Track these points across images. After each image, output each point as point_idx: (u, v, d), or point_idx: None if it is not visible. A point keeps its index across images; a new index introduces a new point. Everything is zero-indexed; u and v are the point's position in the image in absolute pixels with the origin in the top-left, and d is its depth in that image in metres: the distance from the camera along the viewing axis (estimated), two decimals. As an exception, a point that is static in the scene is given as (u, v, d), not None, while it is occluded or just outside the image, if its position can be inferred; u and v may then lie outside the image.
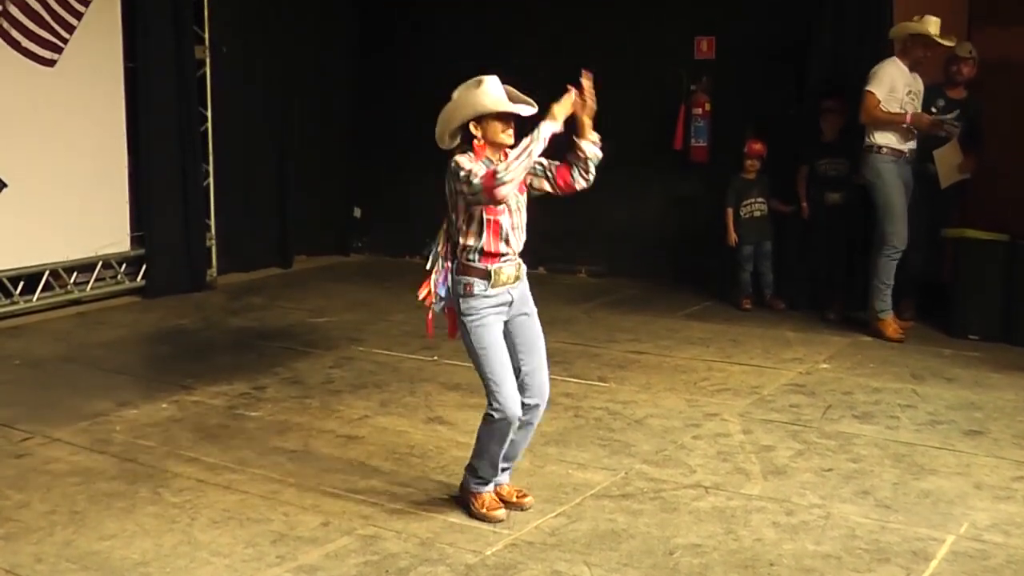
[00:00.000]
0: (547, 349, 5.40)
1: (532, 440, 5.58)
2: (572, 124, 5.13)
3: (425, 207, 12.98)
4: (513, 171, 4.87)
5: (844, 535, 5.17)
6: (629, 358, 8.31)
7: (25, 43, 9.71)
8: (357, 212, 13.70)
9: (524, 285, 5.32)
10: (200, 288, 11.27)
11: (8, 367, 8.30)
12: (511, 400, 5.14)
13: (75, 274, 10.45)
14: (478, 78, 5.10)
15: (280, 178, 12.55)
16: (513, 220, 5.17)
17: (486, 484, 5.39)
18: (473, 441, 5.34)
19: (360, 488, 5.76)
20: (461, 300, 5.21)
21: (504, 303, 5.21)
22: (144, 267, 10.96)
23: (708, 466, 6.09)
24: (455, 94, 5.16)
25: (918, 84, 8.93)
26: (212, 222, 11.61)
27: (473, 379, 7.71)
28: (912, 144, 8.89)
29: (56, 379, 8.03)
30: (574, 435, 6.60)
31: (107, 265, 10.72)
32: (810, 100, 10.05)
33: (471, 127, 5.09)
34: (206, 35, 11.35)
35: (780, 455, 6.27)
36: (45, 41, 9.87)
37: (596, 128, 5.18)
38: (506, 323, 5.26)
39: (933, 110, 9.03)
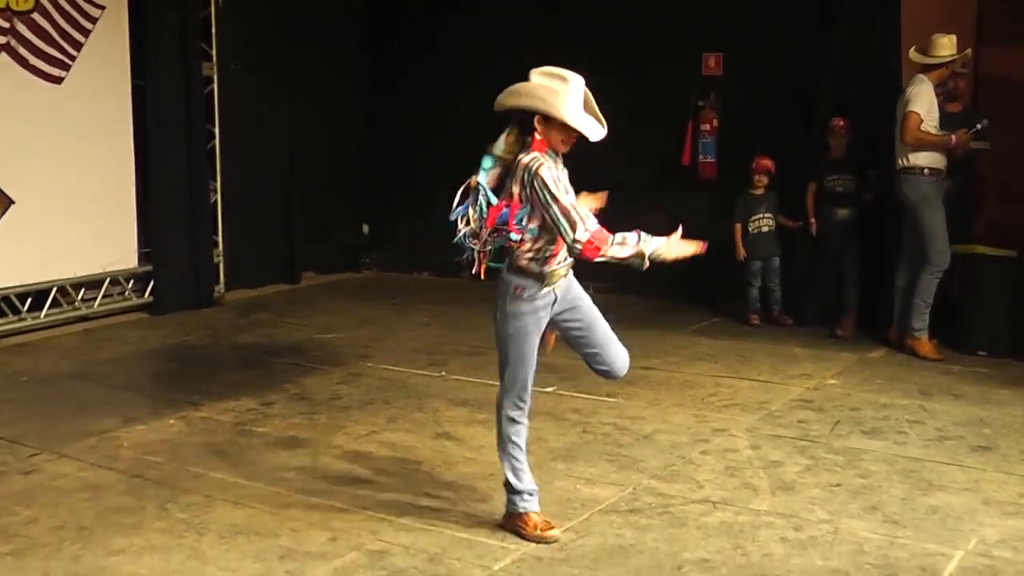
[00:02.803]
0: (556, 365, 5.40)
1: (540, 455, 5.55)
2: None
3: (433, 224, 13.06)
4: (624, 252, 4.86)
5: (852, 551, 5.15)
6: (637, 374, 8.29)
7: (32, 60, 9.74)
8: (365, 229, 13.71)
9: (570, 279, 5.26)
10: (208, 304, 11.28)
11: (16, 384, 8.30)
12: (528, 404, 5.28)
13: (83, 291, 10.46)
14: (564, 73, 4.95)
15: (288, 194, 12.56)
16: None
17: (533, 497, 5.33)
18: (482, 456, 5.33)
19: (368, 503, 5.75)
20: (509, 300, 5.12)
21: (548, 303, 5.13)
22: (151, 283, 10.95)
23: (716, 481, 6.08)
24: (534, 76, 4.99)
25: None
26: (220, 238, 11.62)
27: (481, 395, 7.75)
28: (945, 161, 8.89)
29: (63, 395, 8.02)
30: (582, 450, 6.59)
31: (114, 281, 10.72)
32: (818, 117, 10.06)
33: (535, 121, 4.94)
34: (214, 52, 11.37)
35: (788, 470, 6.26)
36: (52, 58, 9.90)
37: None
38: (555, 320, 5.22)
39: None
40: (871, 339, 9.45)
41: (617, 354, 5.34)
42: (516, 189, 4.97)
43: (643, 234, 4.89)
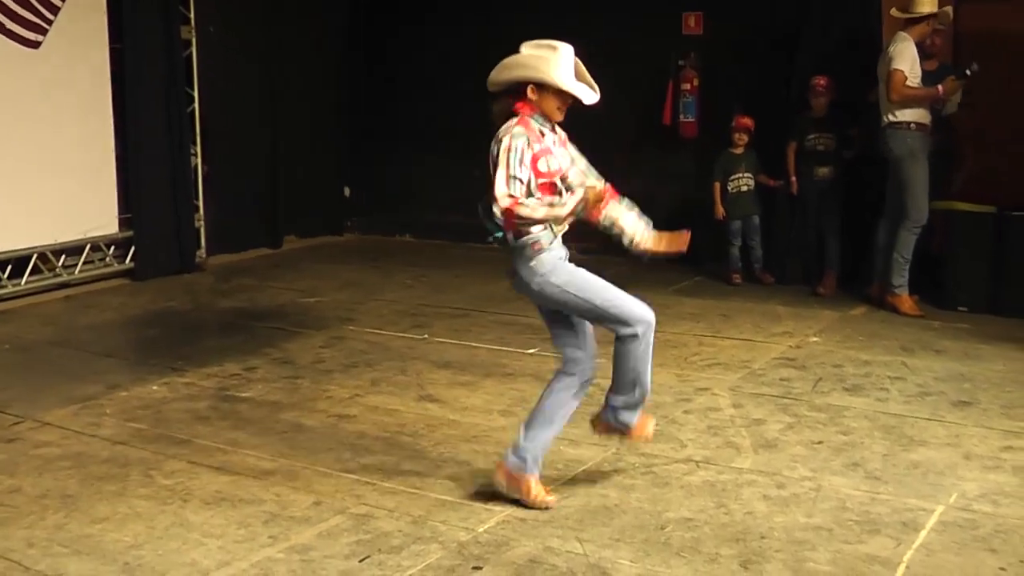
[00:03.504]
0: (538, 326, 5.39)
1: (523, 417, 5.53)
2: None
3: (415, 186, 13.07)
4: (536, 213, 4.88)
5: (834, 507, 5.19)
6: (619, 334, 8.30)
7: (9, 24, 9.65)
8: (347, 192, 13.68)
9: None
10: (189, 270, 11.25)
11: (-2, 351, 8.30)
12: (641, 307, 5.14)
13: (63, 257, 10.41)
14: (552, 43, 5.01)
15: (269, 158, 12.50)
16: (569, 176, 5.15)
17: (532, 466, 5.19)
18: (465, 419, 5.32)
19: (352, 467, 5.77)
20: (533, 263, 5.03)
21: (565, 256, 5.14)
22: (133, 249, 10.91)
23: (699, 440, 6.11)
24: (524, 49, 5.08)
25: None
26: (201, 203, 11.58)
27: (464, 357, 7.77)
28: (930, 116, 8.91)
29: (46, 363, 8.01)
30: (565, 411, 6.60)
31: (95, 248, 10.69)
32: (799, 76, 10.05)
33: (528, 90, 5.01)
34: (192, 15, 11.29)
35: (770, 428, 6.29)
36: (29, 22, 9.82)
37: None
38: None
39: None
40: (853, 297, 9.49)
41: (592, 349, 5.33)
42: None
43: (579, 201, 4.93)
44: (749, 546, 4.78)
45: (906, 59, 8.69)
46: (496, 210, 4.88)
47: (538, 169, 4.96)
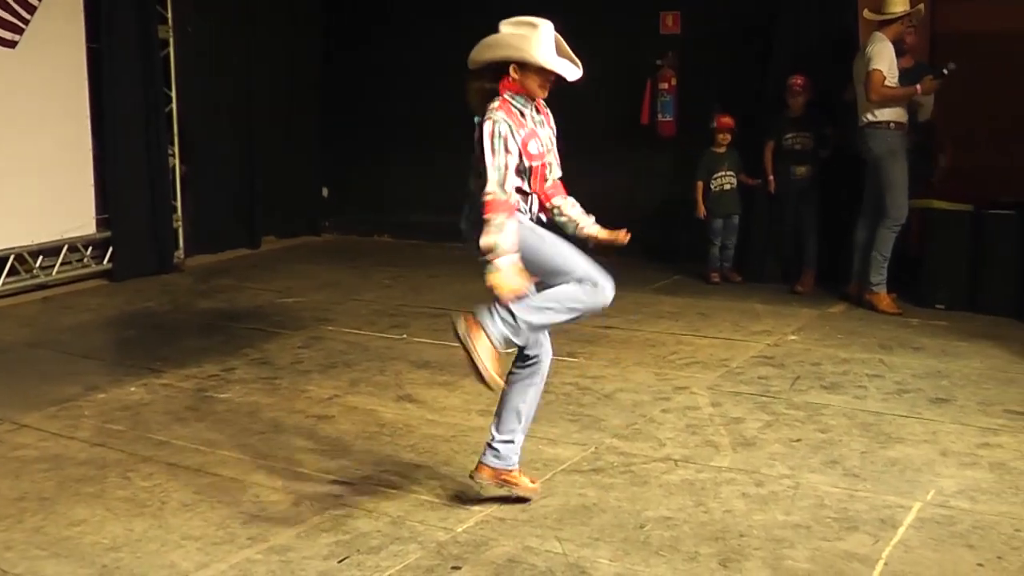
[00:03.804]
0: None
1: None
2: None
3: (393, 186, 13.06)
4: (500, 227, 4.73)
5: (813, 504, 5.20)
6: (598, 333, 8.31)
7: (-15, 24, 9.63)
8: (325, 192, 13.66)
9: None
10: (167, 270, 11.21)
11: (-25, 353, 8.26)
12: (605, 278, 5.10)
13: (40, 258, 10.36)
14: (532, 20, 4.93)
15: (247, 158, 12.47)
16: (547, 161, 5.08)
17: (511, 460, 5.17)
18: (443, 419, 5.31)
19: (331, 468, 5.76)
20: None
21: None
22: (110, 250, 10.87)
23: (678, 439, 6.12)
24: (504, 28, 4.99)
25: None
26: (179, 203, 11.54)
27: (443, 357, 7.76)
28: (907, 115, 8.96)
29: (23, 365, 7.97)
30: (544, 411, 6.54)
31: (73, 248, 10.64)
32: (776, 75, 10.08)
33: (511, 70, 4.93)
34: (169, 15, 11.25)
35: (749, 427, 6.30)
36: (5, 22, 9.76)
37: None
38: None
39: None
40: (831, 295, 9.52)
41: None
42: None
43: (510, 250, 4.78)
44: (728, 544, 4.79)
45: (884, 59, 8.73)
46: (485, 191, 4.80)
47: (529, 151, 4.92)
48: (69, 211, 10.49)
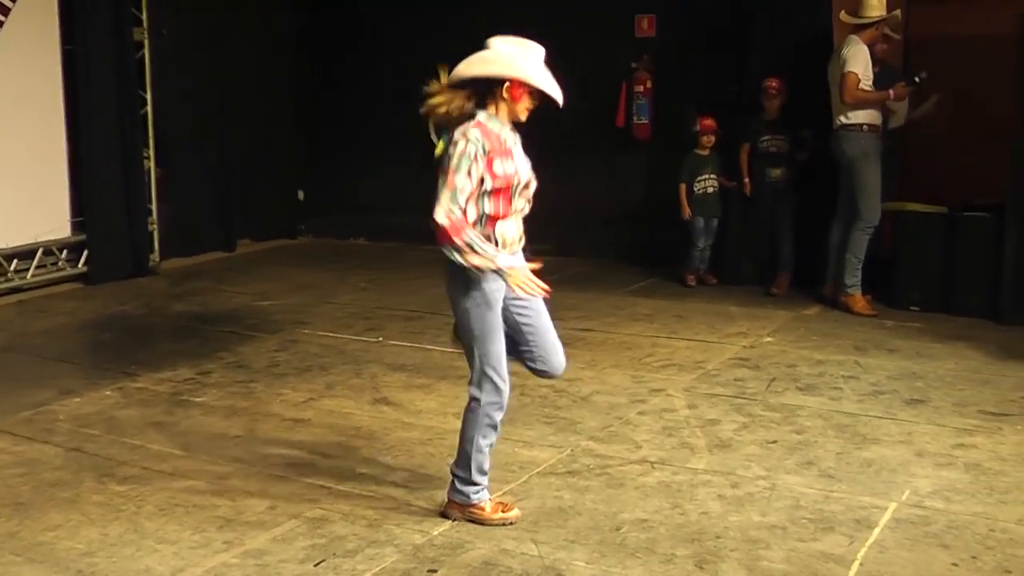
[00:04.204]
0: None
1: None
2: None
3: (368, 189, 13.04)
4: (462, 249, 4.70)
5: (789, 506, 5.22)
6: (574, 335, 8.31)
7: (-42, 26, 9.57)
8: (301, 195, 13.63)
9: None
10: (143, 273, 11.17)
11: (-52, 357, 8.22)
12: (506, 384, 4.98)
13: (15, 261, 10.30)
14: (525, 41, 4.83)
15: (223, 161, 12.43)
16: (522, 180, 4.93)
17: (486, 488, 5.06)
18: (420, 421, 5.30)
19: (306, 471, 5.75)
20: (463, 270, 4.82)
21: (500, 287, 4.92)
22: (85, 253, 10.83)
23: (654, 441, 6.12)
24: (497, 46, 4.84)
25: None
26: (154, 206, 11.50)
27: (418, 360, 7.76)
28: (881, 118, 9.01)
29: (-3, 369, 7.95)
30: (520, 413, 6.59)
31: (48, 252, 10.59)
32: (751, 78, 10.11)
33: (504, 88, 4.79)
34: (144, 16, 11.21)
35: (725, 429, 6.32)
36: (-21, 24, 9.75)
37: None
38: (506, 303, 4.98)
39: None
40: (806, 297, 9.54)
41: (556, 352, 5.17)
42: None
43: (502, 253, 4.79)
44: (704, 546, 4.80)
45: (859, 62, 8.77)
46: (434, 218, 4.71)
47: (493, 171, 4.77)
48: (44, 214, 10.45)
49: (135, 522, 5.14)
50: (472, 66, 4.84)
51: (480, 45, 4.93)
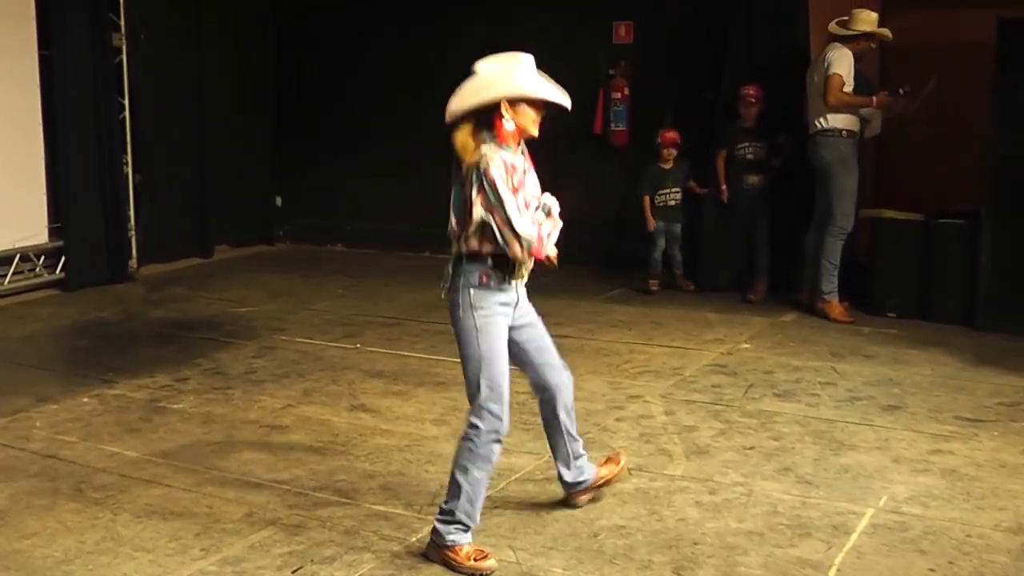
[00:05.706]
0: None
1: (455, 425, 5.55)
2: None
3: (346, 195, 13.04)
4: (546, 234, 4.70)
5: (766, 512, 5.23)
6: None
7: (-66, 32, 9.52)
8: (278, 201, 13.60)
9: (524, 293, 4.94)
10: (120, 280, 11.12)
11: (-76, 364, 8.17)
12: (506, 414, 4.82)
13: (-9, 268, 10.29)
14: (511, 55, 4.68)
15: (200, 167, 12.39)
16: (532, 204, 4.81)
17: (467, 531, 4.76)
18: (397, 428, 5.29)
19: (284, 478, 5.74)
20: (472, 291, 4.70)
21: (511, 303, 4.82)
22: (63, 259, 10.78)
23: (631, 448, 6.13)
24: (483, 69, 4.67)
25: None
26: (132, 212, 11.47)
27: (396, 367, 7.76)
28: (859, 124, 9.05)
29: (-27, 375, 7.91)
30: (498, 420, 6.60)
31: (25, 258, 10.55)
32: (729, 85, 10.14)
33: (503, 108, 4.61)
34: (122, 21, 11.19)
35: (702, 435, 6.33)
36: (-45, 30, 9.70)
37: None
38: (512, 329, 4.89)
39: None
40: (783, 303, 9.57)
41: (563, 376, 5.21)
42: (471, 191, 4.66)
43: (533, 230, 4.68)
44: (682, 552, 4.81)
45: (844, 65, 8.80)
46: (518, 232, 4.58)
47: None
48: (21, 220, 10.40)
49: (112, 529, 5.12)
50: (465, 98, 4.64)
51: (459, 55, 4.83)
